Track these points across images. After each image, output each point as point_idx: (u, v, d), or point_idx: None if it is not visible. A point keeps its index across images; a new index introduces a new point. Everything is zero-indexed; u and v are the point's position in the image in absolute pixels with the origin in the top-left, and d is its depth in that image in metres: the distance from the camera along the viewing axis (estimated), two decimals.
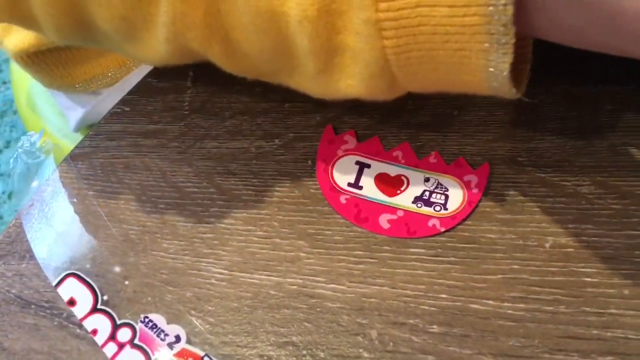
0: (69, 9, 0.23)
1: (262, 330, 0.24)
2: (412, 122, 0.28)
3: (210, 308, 0.24)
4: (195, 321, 0.24)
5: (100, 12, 0.23)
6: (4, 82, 1.15)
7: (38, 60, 0.40)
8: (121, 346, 0.23)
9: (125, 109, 0.30)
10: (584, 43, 0.20)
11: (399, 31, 0.19)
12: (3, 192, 1.01)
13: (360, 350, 0.23)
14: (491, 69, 0.19)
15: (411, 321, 0.24)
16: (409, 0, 0.18)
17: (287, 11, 0.20)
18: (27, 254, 0.26)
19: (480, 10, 0.18)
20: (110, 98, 0.39)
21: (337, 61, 0.21)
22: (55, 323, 0.25)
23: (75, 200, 0.27)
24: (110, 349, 0.23)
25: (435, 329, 0.23)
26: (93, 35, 0.25)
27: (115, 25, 0.23)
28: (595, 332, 0.23)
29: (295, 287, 0.25)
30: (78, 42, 0.27)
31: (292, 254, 0.25)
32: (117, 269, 0.25)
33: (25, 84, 0.49)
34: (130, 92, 0.30)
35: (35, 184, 0.29)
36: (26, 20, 0.25)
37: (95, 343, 0.24)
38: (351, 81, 0.22)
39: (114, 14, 0.22)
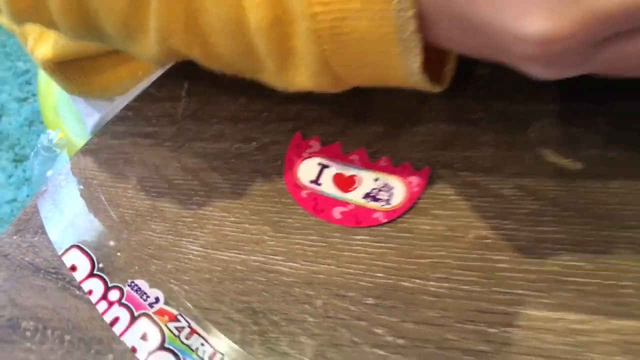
0: (81, 17, 0.29)
1: (227, 297, 0.28)
2: (369, 131, 0.33)
3: (186, 278, 0.29)
4: (173, 287, 0.28)
5: (106, 20, 0.28)
6: (34, 95, 1.23)
7: (62, 69, 0.46)
8: (111, 304, 0.28)
9: (129, 113, 0.35)
10: (468, 52, 0.24)
11: (333, 37, 0.24)
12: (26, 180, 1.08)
13: (306, 316, 0.27)
14: (407, 67, 0.24)
15: (350, 294, 0.28)
16: (337, 16, 0.23)
17: (248, 20, 0.25)
18: (40, 230, 0.31)
19: (392, 22, 0.22)
20: (122, 104, 0.44)
21: (290, 61, 0.26)
22: (59, 285, 0.29)
23: (82, 187, 0.32)
24: (102, 306, 0.28)
25: (370, 300, 0.28)
26: (102, 36, 0.30)
27: (118, 30, 0.28)
28: (501, 307, 0.27)
29: (257, 263, 0.29)
30: (91, 41, 0.32)
31: (258, 236, 0.30)
32: (112, 243, 0.30)
33: (51, 94, 0.55)
34: (134, 100, 0.35)
35: (50, 173, 0.33)
36: (48, 23, 0.30)
37: (90, 302, 0.28)
38: (303, 77, 0.27)
39: (117, 21, 0.28)
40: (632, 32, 0.19)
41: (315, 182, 0.31)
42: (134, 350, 0.27)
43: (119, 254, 0.30)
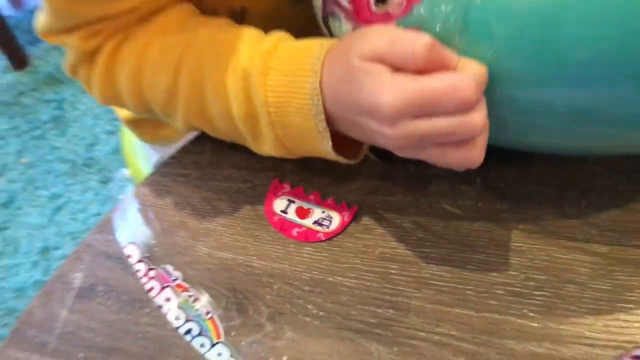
0: (142, 105, 0.46)
1: (220, 280, 0.44)
2: (322, 181, 0.48)
3: (196, 266, 0.45)
4: (188, 272, 0.44)
5: (155, 107, 0.45)
6: (120, 129, 1.44)
7: (136, 124, 0.64)
8: (149, 279, 0.44)
9: (172, 160, 0.52)
10: (359, 138, 0.39)
11: (281, 127, 0.40)
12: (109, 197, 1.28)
13: (267, 295, 0.43)
14: (325, 148, 0.40)
15: (295, 283, 0.43)
16: (283, 113, 0.39)
17: (232, 113, 0.41)
18: (112, 232, 0.48)
19: (313, 121, 0.38)
20: (172, 150, 0.61)
21: (259, 139, 0.42)
22: (121, 266, 0.46)
23: (139, 207, 0.49)
24: (144, 280, 0.44)
25: (306, 288, 0.43)
26: (154, 115, 0.47)
27: (162, 113, 0.45)
28: (387, 297, 0.41)
29: (241, 260, 0.45)
30: (148, 116, 0.49)
31: (243, 244, 0.46)
32: (153, 242, 0.46)
33: (129, 139, 0.73)
34: (176, 151, 0.52)
35: (121, 197, 0.51)
36: (123, 106, 0.47)
37: (137, 277, 0.45)
38: (268, 149, 0.42)
39: (161, 108, 0.44)
40: (428, 116, 0.33)
41: (284, 211, 0.47)
42: (160, 307, 0.43)
43: (156, 249, 0.46)
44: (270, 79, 0.38)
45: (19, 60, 1.69)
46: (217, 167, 0.50)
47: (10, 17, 1.82)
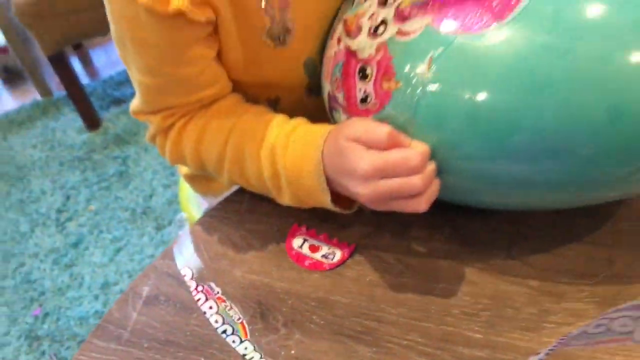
0: (199, 163, 0.60)
1: (249, 295, 0.57)
2: (329, 226, 0.61)
3: (233, 285, 0.58)
4: (226, 288, 0.58)
5: (209, 167, 0.59)
6: (175, 183, 1.61)
7: (192, 179, 0.78)
8: (198, 292, 0.58)
9: (219, 206, 0.66)
10: (348, 195, 0.52)
11: (297, 186, 0.53)
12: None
13: (283, 307, 0.56)
14: (327, 202, 0.53)
15: (305, 300, 0.56)
16: (298, 176, 0.53)
17: (262, 173, 0.54)
18: (172, 259, 0.62)
19: (319, 184, 0.51)
20: (218, 200, 0.76)
21: (281, 193, 0.55)
22: (179, 283, 0.60)
23: (193, 241, 0.63)
24: (194, 293, 0.58)
25: (313, 304, 0.55)
26: (206, 172, 0.61)
27: (213, 172, 0.59)
28: (364, 311, 0.54)
29: (267, 281, 0.58)
30: (203, 173, 0.63)
31: (268, 269, 0.59)
32: (202, 266, 0.60)
33: (186, 189, 0.89)
34: (221, 200, 0.66)
35: (180, 233, 0.65)
36: (185, 164, 0.62)
37: (190, 291, 0.58)
38: (287, 200, 0.55)
39: (213, 169, 0.59)
40: (389, 178, 0.47)
41: (300, 247, 0.60)
42: (204, 313, 0.56)
43: (204, 271, 0.60)
44: (289, 152, 0.52)
45: (92, 122, 1.89)
46: (251, 213, 0.64)
47: (87, 85, 2.04)
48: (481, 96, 0.42)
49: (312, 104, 0.60)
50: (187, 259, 0.61)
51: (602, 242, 0.54)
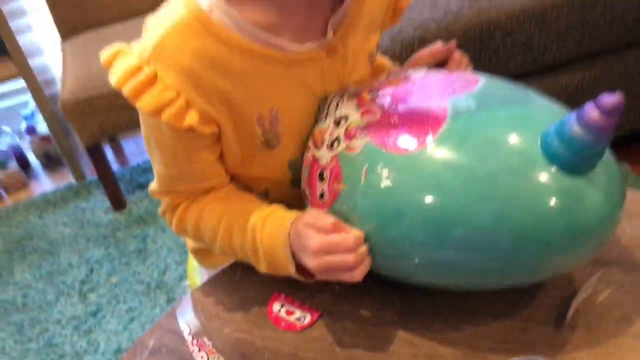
0: (198, 235, 0.72)
1: (235, 349, 0.68)
2: (303, 294, 0.73)
3: (222, 340, 0.69)
4: (215, 342, 0.69)
5: (205, 239, 0.72)
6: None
7: (197, 253, 0.90)
8: (193, 344, 0.69)
9: (216, 277, 0.78)
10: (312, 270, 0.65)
11: (271, 258, 0.65)
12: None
13: (261, 358, 0.66)
14: (292, 272, 0.65)
15: (280, 353, 0.67)
16: (270, 253, 0.65)
17: (245, 247, 0.66)
18: (176, 318, 0.74)
19: (285, 254, 0.63)
20: (218, 270, 0.88)
21: (260, 263, 0.67)
22: (178, 337, 0.71)
23: (193, 304, 0.75)
24: (191, 345, 0.69)
25: (286, 349, 0.66)
26: (204, 243, 0.73)
27: (208, 242, 0.72)
28: (326, 357, 0.64)
29: (249, 339, 0.69)
30: (201, 243, 0.76)
31: (252, 329, 0.70)
32: (199, 324, 0.71)
33: (192, 263, 1.01)
34: (219, 271, 0.79)
35: (183, 297, 0.76)
36: (186, 236, 0.75)
37: (187, 343, 0.69)
38: (263, 269, 0.68)
39: (207, 240, 0.71)
40: (331, 254, 0.59)
41: (278, 311, 0.71)
42: None
43: (200, 329, 0.71)
44: (265, 231, 0.65)
45: (118, 204, 2.04)
46: (242, 282, 0.76)
47: (117, 171, 2.21)
48: (401, 199, 0.55)
49: (297, 194, 0.73)
50: (186, 319, 0.73)
51: (518, 315, 0.65)
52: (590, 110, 0.47)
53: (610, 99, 0.46)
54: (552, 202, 0.51)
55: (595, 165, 0.51)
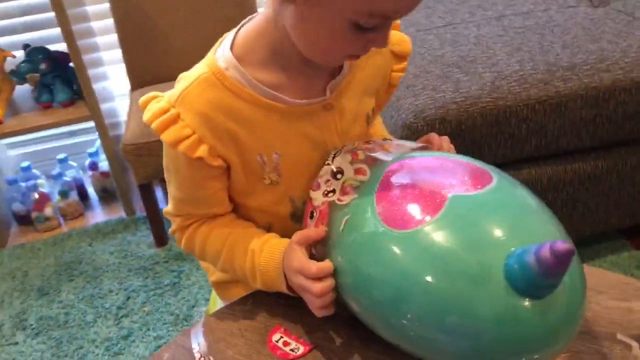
0: (203, 256, 0.82)
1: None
2: (299, 328, 0.81)
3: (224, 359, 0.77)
4: None
5: (209, 259, 0.82)
6: None
7: (218, 286, 1.00)
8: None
9: (229, 305, 0.87)
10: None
11: (266, 277, 0.75)
12: None
13: None
14: (284, 288, 0.74)
15: None
16: (266, 274, 0.75)
17: (245, 267, 0.77)
18: (189, 337, 0.82)
19: (281, 278, 0.73)
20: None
21: (256, 281, 0.76)
22: (189, 353, 0.79)
23: (204, 327, 0.84)
24: None
25: None
26: (208, 262, 0.83)
27: (211, 262, 0.82)
28: None
29: None
30: (207, 263, 0.86)
31: (252, 355, 0.78)
32: (207, 344, 0.80)
33: (214, 296, 1.10)
34: (232, 302, 0.87)
35: (198, 320, 0.85)
36: (193, 254, 0.85)
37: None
38: (260, 286, 0.77)
39: (210, 260, 0.81)
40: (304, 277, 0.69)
41: (277, 341, 0.79)
42: None
43: (207, 348, 0.79)
44: (262, 254, 0.75)
45: (161, 240, 2.16)
46: (250, 313, 0.84)
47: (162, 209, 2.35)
48: (369, 259, 0.65)
49: (296, 226, 0.82)
50: (198, 339, 0.81)
51: None
52: (545, 250, 0.51)
53: (563, 246, 0.50)
54: (492, 314, 0.55)
55: (543, 296, 0.55)
